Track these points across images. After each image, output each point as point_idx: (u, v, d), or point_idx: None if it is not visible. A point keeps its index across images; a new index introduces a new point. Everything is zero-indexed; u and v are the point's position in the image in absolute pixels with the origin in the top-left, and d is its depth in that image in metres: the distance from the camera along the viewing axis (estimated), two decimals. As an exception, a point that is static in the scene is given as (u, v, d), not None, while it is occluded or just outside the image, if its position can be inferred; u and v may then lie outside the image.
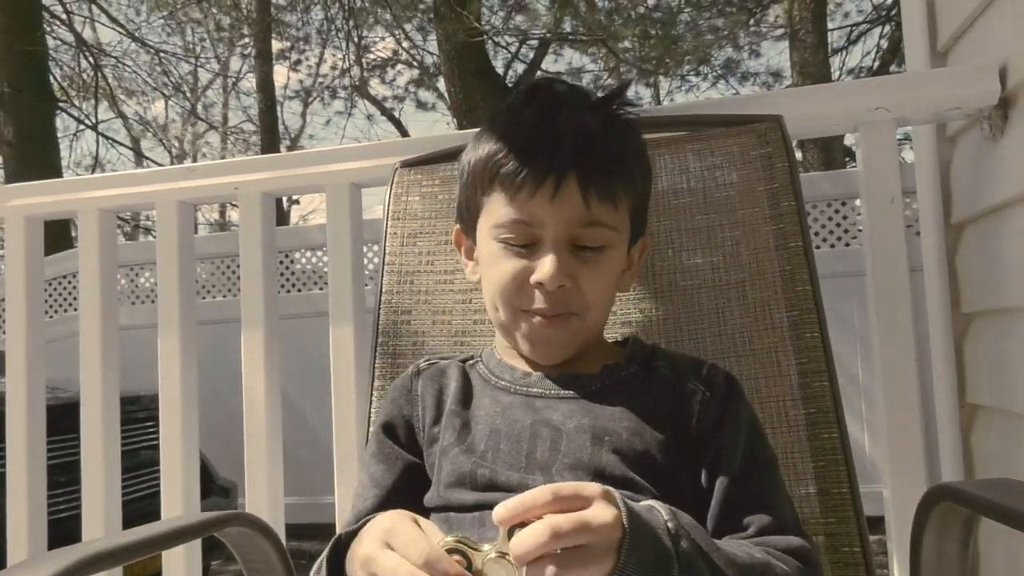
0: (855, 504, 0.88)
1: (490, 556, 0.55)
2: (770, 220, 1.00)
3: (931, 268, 1.33)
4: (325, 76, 11.35)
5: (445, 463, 0.75)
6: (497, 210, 0.76)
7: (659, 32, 7.88)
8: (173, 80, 10.77)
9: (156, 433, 1.44)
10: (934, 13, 1.35)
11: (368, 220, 1.59)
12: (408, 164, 1.20)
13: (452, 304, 1.09)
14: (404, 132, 10.81)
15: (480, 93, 7.01)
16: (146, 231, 12.16)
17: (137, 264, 4.59)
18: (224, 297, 4.38)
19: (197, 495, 1.44)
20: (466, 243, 0.86)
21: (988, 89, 1.09)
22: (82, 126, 9.50)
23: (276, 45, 10.51)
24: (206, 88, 12.51)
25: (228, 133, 12.64)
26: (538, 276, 0.73)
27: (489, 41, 7.74)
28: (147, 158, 11.49)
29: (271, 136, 10.35)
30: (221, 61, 11.68)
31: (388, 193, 1.18)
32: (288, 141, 12.15)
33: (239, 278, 1.44)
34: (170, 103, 11.76)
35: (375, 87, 10.94)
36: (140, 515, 1.60)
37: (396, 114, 11.05)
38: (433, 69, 9.81)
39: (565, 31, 8.28)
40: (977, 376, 1.26)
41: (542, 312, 0.74)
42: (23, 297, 1.52)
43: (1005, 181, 1.10)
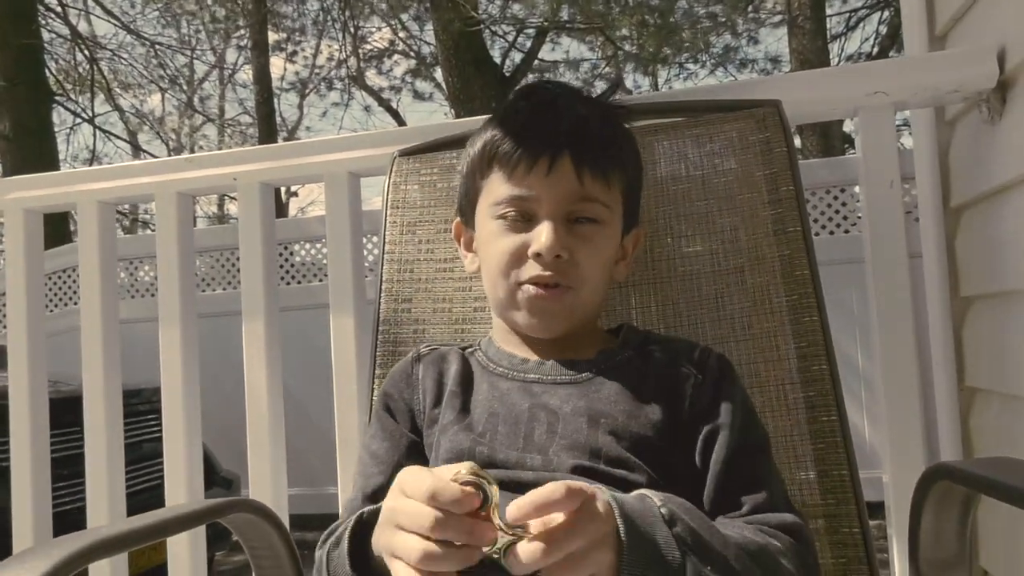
0: (854, 486, 0.88)
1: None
2: (769, 205, 1.00)
3: (930, 252, 1.34)
4: (321, 67, 11.34)
5: (444, 440, 0.76)
6: (496, 189, 0.80)
7: (657, 20, 7.85)
8: (169, 73, 10.74)
9: (158, 426, 1.45)
10: (932, -4, 1.34)
11: (366, 212, 1.59)
12: (407, 153, 1.20)
13: (452, 292, 1.09)
14: (401, 122, 10.79)
15: (478, 83, 7.00)
16: (144, 224, 12.15)
17: (136, 258, 4.58)
18: (224, 290, 4.38)
19: (201, 487, 1.44)
20: (465, 235, 0.90)
21: (987, 72, 1.09)
22: (78, 120, 9.49)
23: (272, 36, 10.47)
24: (202, 80, 12.48)
25: (225, 125, 12.61)
26: (535, 247, 0.76)
27: (486, 30, 7.70)
28: (144, 151, 11.45)
29: (268, 128, 10.31)
30: (217, 53, 11.65)
31: (387, 182, 1.19)
32: (285, 133, 12.11)
33: (239, 271, 1.44)
34: (166, 96, 11.74)
35: (372, 78, 10.93)
36: (143, 508, 1.60)
37: (393, 104, 11.04)
38: (430, 59, 9.78)
39: (563, 19, 8.24)
40: (976, 360, 1.26)
41: (539, 281, 0.77)
42: (23, 290, 1.53)
43: (1004, 164, 1.10)
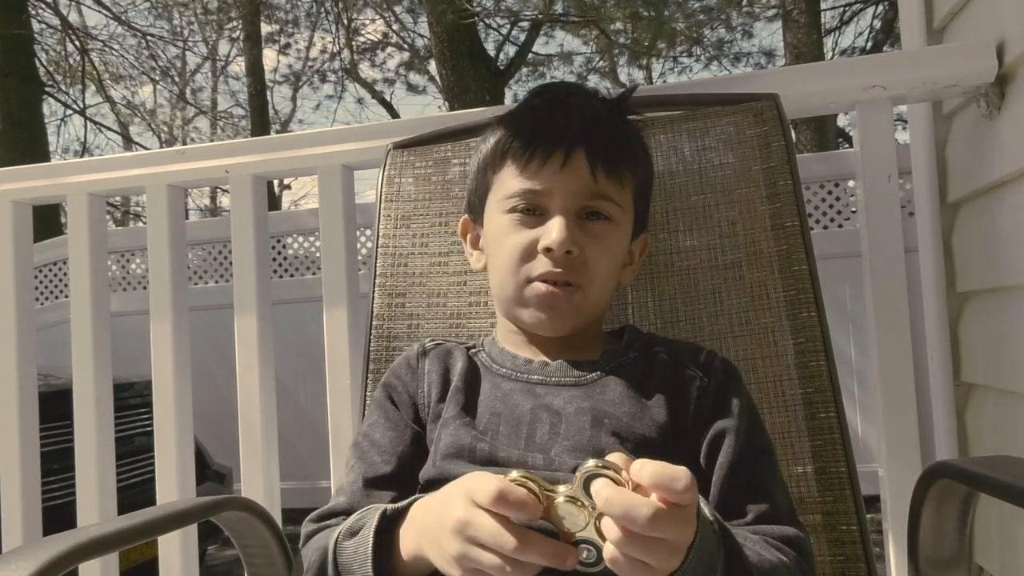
0: (852, 482, 0.88)
1: (560, 499, 0.51)
2: (766, 199, 0.99)
3: (926, 247, 1.33)
4: (315, 59, 11.27)
5: (445, 435, 0.75)
6: (507, 182, 0.79)
7: (651, 13, 7.83)
8: (161, 64, 10.63)
9: (149, 420, 1.44)
10: (931, -10, 1.34)
11: (360, 205, 1.58)
12: (401, 145, 1.18)
13: (447, 286, 1.08)
14: (395, 115, 10.74)
15: (471, 75, 6.97)
16: (135, 217, 12.07)
17: (128, 250, 4.55)
18: (216, 283, 4.36)
19: (192, 481, 1.43)
20: (472, 232, 0.89)
21: (985, 66, 1.09)
22: (69, 111, 9.39)
23: (265, 28, 10.41)
24: (194, 72, 12.39)
25: (217, 118, 12.54)
26: (546, 241, 0.75)
27: (480, 23, 7.66)
28: (136, 143, 11.36)
29: (261, 120, 10.27)
30: (209, 44, 11.57)
31: (381, 175, 1.17)
32: (278, 126, 12.06)
33: (231, 264, 1.43)
34: (158, 87, 11.64)
35: (365, 70, 10.88)
36: (134, 502, 1.60)
37: (387, 97, 10.99)
38: (424, 51, 9.74)
39: (557, 12, 8.22)
40: (972, 355, 1.26)
41: (548, 277, 0.76)
42: (12, 283, 1.51)
43: (1002, 159, 1.10)
